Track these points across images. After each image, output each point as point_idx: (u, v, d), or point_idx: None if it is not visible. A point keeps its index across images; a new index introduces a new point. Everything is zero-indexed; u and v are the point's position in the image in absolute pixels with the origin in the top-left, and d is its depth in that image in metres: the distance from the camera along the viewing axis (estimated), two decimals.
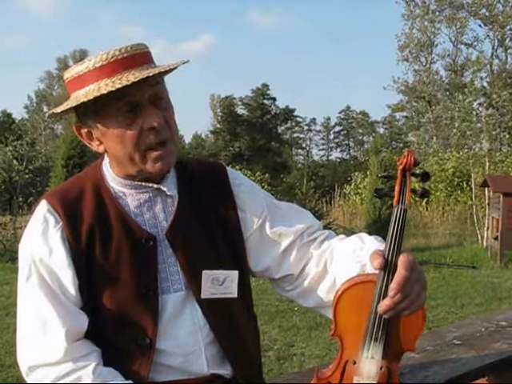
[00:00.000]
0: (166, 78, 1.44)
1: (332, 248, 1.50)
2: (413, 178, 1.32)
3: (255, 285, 7.22)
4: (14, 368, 4.86)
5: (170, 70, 1.40)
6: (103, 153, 1.44)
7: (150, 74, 1.30)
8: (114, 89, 1.27)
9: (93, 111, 1.34)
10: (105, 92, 1.27)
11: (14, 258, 10.50)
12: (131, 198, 1.43)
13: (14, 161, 14.68)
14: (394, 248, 1.25)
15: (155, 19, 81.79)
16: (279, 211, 1.57)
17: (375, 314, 1.27)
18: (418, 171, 1.32)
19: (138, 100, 1.32)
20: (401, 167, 1.31)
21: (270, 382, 1.67)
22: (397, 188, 1.30)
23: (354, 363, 1.33)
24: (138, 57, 1.34)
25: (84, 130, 1.40)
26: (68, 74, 1.37)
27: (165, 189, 1.44)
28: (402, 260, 1.23)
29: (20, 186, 14.00)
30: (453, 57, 34.63)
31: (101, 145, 1.40)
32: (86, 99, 1.29)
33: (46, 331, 1.32)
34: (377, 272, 1.26)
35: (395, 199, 1.29)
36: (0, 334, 5.93)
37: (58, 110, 1.37)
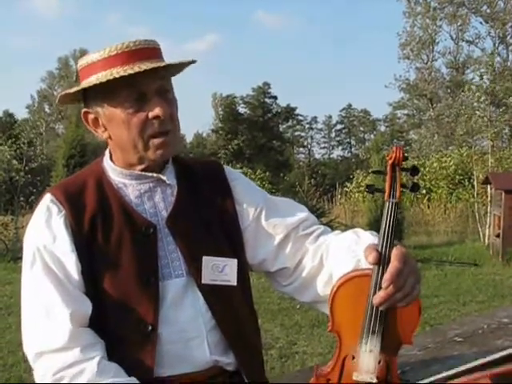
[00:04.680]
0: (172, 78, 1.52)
1: (328, 243, 1.52)
2: (403, 172, 1.34)
3: (257, 283, 7.22)
4: (16, 367, 4.87)
5: (180, 68, 1.50)
6: (107, 140, 1.48)
7: (161, 65, 1.38)
8: (126, 74, 1.33)
9: (102, 96, 1.40)
10: (117, 76, 1.34)
11: (16, 258, 10.52)
12: (132, 188, 1.48)
13: (14, 160, 14.66)
14: (387, 241, 1.28)
15: (160, 19, 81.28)
16: (274, 204, 1.61)
17: (371, 307, 1.28)
18: (406, 166, 1.34)
19: (146, 89, 1.39)
20: (390, 162, 1.33)
21: (272, 380, 1.68)
22: (387, 183, 1.32)
23: (353, 358, 1.34)
24: (150, 51, 1.42)
25: (91, 117, 1.46)
26: (82, 62, 1.44)
27: (164, 178, 1.48)
28: (395, 253, 1.26)
29: (21, 186, 13.98)
30: (454, 54, 34.64)
31: (105, 131, 1.46)
32: (97, 82, 1.36)
33: (51, 316, 1.34)
34: (371, 266, 1.28)
35: (386, 194, 1.32)
36: (2, 334, 5.95)
37: (71, 90, 1.43)
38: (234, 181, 1.60)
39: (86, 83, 1.40)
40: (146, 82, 1.37)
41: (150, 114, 1.38)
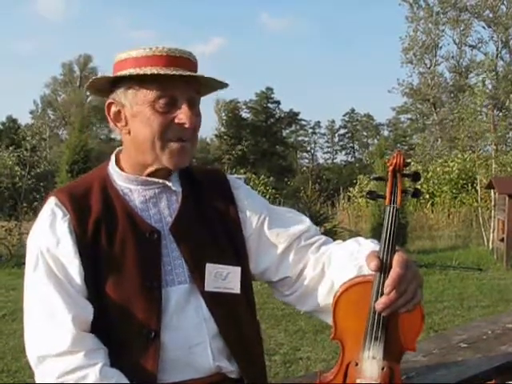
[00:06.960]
0: None
1: (329, 252, 1.53)
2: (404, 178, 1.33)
3: (261, 288, 7.18)
4: (19, 373, 4.87)
5: (209, 90, 1.54)
6: (124, 136, 1.48)
7: (205, 75, 1.42)
8: (171, 73, 1.35)
9: (134, 91, 1.41)
10: (162, 73, 1.35)
11: (20, 264, 10.52)
12: (137, 193, 1.48)
13: (16, 167, 14.70)
14: (388, 248, 1.28)
15: (165, 23, 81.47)
16: (277, 214, 1.61)
17: (374, 314, 1.28)
18: (408, 171, 1.33)
19: (179, 96, 1.40)
20: (391, 168, 1.32)
21: None
22: (388, 189, 1.32)
23: (356, 364, 1.33)
24: (191, 63, 1.44)
25: (114, 109, 1.46)
26: (122, 55, 1.44)
27: (170, 184, 1.49)
28: (396, 259, 1.27)
29: (24, 192, 14.00)
30: (457, 59, 34.63)
31: (126, 126, 1.45)
32: (142, 72, 1.37)
33: (53, 319, 1.33)
34: (374, 273, 1.28)
35: (387, 200, 1.31)
36: (7, 340, 5.94)
37: (111, 75, 1.44)
38: (236, 189, 1.61)
39: (133, 71, 1.39)
40: (180, 90, 1.40)
41: (176, 119, 1.40)
